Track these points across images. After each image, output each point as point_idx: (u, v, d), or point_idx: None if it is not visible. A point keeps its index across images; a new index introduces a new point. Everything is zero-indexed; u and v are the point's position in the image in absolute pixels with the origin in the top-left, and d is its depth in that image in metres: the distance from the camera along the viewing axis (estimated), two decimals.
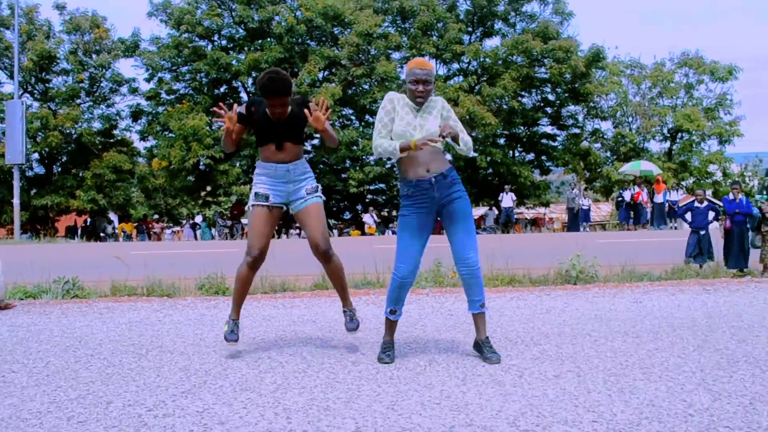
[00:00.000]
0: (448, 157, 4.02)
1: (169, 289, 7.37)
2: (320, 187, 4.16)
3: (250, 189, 4.14)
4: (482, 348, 3.90)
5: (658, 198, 20.62)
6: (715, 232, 10.30)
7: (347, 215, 29.29)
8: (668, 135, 28.98)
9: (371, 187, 28.31)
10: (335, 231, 25.91)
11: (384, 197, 29.94)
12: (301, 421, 2.86)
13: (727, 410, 2.92)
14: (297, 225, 24.78)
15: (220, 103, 4.03)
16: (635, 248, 13.38)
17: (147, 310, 6.00)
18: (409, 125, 3.82)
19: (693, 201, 10.74)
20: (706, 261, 9.74)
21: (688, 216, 10.56)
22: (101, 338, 4.72)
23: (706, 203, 10.34)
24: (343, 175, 26.99)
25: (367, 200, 28.73)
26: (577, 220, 21.62)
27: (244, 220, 25.71)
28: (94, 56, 27.62)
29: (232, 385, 3.43)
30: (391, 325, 4.03)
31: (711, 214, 10.28)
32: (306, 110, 3.95)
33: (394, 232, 24.79)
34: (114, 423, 2.87)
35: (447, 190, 3.81)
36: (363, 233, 24.12)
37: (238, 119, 3.96)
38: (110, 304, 6.47)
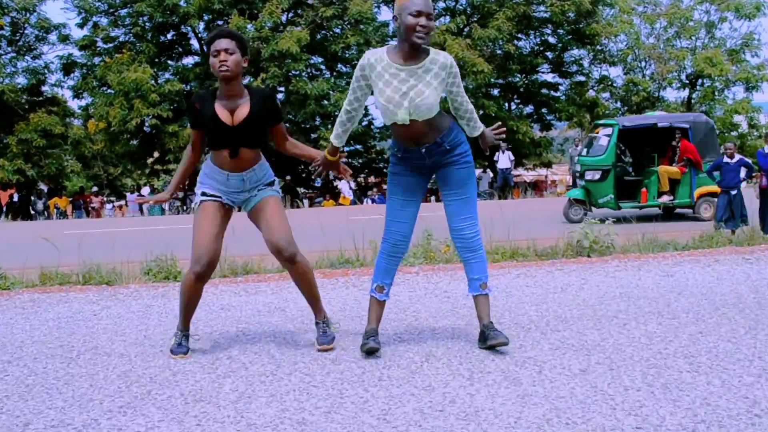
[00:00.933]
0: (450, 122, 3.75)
1: (110, 276, 7.09)
2: (277, 182, 3.93)
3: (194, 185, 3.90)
4: (486, 333, 3.67)
5: None
6: (749, 192, 10.21)
7: (318, 182, 29.01)
8: (687, 82, 29.00)
9: (346, 149, 28.05)
10: (305, 201, 25.68)
11: (361, 160, 29.71)
12: None
13: None
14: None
15: (137, 197, 3.92)
16: (654, 213, 13.36)
17: (81, 302, 5.72)
18: (395, 94, 3.47)
19: (722, 156, 10.60)
20: (739, 225, 9.65)
21: (717, 174, 10.45)
22: (22, 339, 4.43)
23: (737, 158, 10.21)
24: (313, 135, 26.65)
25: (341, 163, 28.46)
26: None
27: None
28: None
29: (183, 395, 3.18)
30: (377, 308, 3.82)
31: (743, 171, 10.19)
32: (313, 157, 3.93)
33: (373, 201, 24.60)
34: None
35: (442, 157, 3.64)
36: (337, 203, 23.91)
37: (191, 124, 3.83)
38: (36, 295, 6.17)
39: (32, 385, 3.42)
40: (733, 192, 9.90)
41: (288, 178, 25.69)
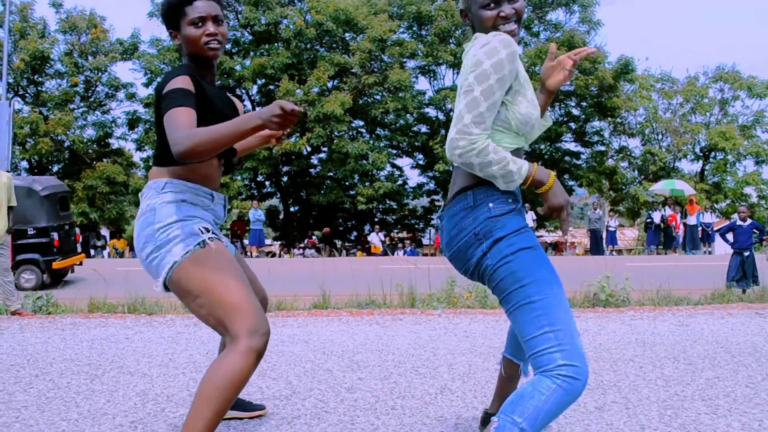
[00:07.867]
0: None
1: (152, 308, 6.95)
2: None
3: (173, 222, 2.20)
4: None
5: (691, 220, 19.98)
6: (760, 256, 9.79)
7: (353, 235, 28.80)
8: (701, 154, 28.40)
9: (380, 207, 27.88)
10: (343, 251, 25.48)
11: (394, 217, 29.47)
12: None
13: None
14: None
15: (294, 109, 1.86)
16: (668, 272, 12.85)
17: (117, 327, 5.53)
18: (534, 100, 2.18)
19: (735, 220, 10.20)
20: (750, 285, 9.18)
21: (730, 236, 10.04)
22: (54, 357, 4.25)
23: (749, 221, 9.80)
24: (351, 192, 26.55)
25: (376, 219, 28.27)
26: (600, 243, 21.03)
27: (245, 241, 25.30)
28: (90, 58, 27.46)
29: None
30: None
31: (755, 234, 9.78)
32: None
33: (404, 253, 24.29)
34: None
35: None
36: (369, 254, 23.66)
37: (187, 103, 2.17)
38: (77, 319, 6.02)
39: (53, 398, 3.22)
40: (746, 253, 9.47)
41: (326, 230, 25.59)
